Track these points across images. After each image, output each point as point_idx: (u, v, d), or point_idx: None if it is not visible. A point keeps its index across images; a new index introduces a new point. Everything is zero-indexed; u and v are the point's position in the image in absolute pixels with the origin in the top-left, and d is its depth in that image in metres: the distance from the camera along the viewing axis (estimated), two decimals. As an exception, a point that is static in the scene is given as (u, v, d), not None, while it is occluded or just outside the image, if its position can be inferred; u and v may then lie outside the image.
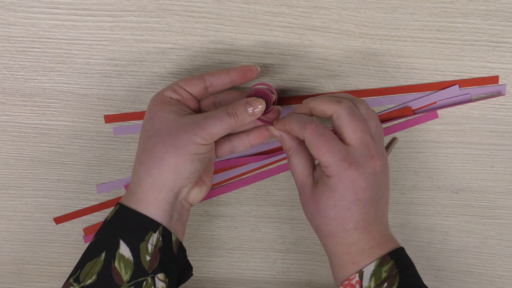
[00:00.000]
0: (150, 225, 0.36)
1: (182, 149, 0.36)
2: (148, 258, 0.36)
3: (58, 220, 0.50)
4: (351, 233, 0.36)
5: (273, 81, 0.44)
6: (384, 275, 0.35)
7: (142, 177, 0.37)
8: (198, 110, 0.41)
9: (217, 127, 0.36)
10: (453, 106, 0.44)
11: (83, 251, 0.37)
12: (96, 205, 0.49)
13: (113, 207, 0.38)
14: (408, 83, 0.44)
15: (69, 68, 0.44)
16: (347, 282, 0.36)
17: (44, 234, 0.50)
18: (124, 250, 0.35)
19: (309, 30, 0.42)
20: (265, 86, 0.39)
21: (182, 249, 0.38)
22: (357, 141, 0.35)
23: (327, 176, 0.36)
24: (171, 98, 0.38)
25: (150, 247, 0.36)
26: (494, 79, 0.43)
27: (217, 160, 0.46)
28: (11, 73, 0.44)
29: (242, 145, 0.41)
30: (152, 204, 0.36)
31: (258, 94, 0.39)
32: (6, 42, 0.43)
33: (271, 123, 0.40)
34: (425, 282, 0.38)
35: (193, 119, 0.37)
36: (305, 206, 0.38)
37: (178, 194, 0.37)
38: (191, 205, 0.40)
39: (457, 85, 0.44)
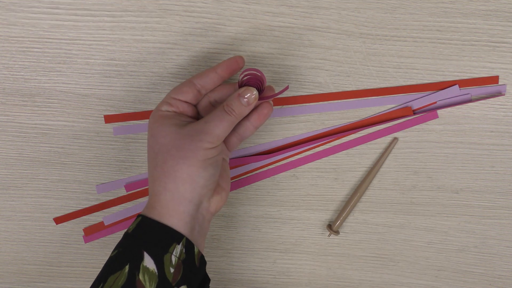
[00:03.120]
0: (174, 236, 0.36)
1: (192, 159, 0.36)
2: (172, 270, 0.35)
3: (58, 220, 0.50)
4: None
5: (273, 81, 0.44)
6: None
7: (160, 192, 0.36)
8: (197, 114, 0.41)
9: (220, 127, 0.36)
10: (453, 106, 0.44)
11: (104, 264, 0.37)
12: (96, 205, 0.49)
13: (135, 219, 0.38)
14: (408, 83, 0.44)
15: (69, 68, 0.44)
16: None
17: (44, 234, 0.50)
18: (148, 262, 0.35)
19: (309, 30, 0.42)
20: (251, 71, 0.38)
21: (203, 262, 0.38)
22: None
23: None
24: (168, 111, 0.38)
25: (174, 259, 0.35)
26: (494, 79, 0.43)
27: (231, 157, 0.46)
28: (11, 73, 0.44)
29: (248, 130, 0.41)
30: (173, 217, 0.36)
31: (249, 81, 0.38)
32: (6, 42, 0.43)
33: (270, 97, 0.39)
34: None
35: (195, 127, 0.37)
36: None
37: (198, 205, 0.37)
38: (212, 214, 0.39)
39: (457, 85, 0.44)
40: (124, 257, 0.35)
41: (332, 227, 0.49)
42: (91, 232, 0.50)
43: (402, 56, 0.43)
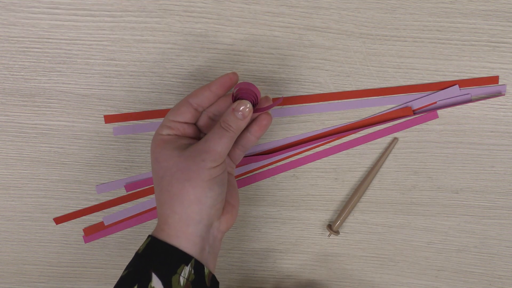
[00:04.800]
0: (182, 258, 0.36)
1: (196, 180, 0.36)
2: None
3: (58, 220, 0.50)
4: None
5: (274, 81, 0.44)
6: None
7: (168, 215, 0.36)
8: (198, 132, 0.41)
9: (220, 145, 0.36)
10: (453, 106, 0.44)
11: (115, 284, 0.37)
12: (96, 205, 0.49)
13: (145, 240, 0.38)
14: (408, 83, 0.44)
15: (69, 68, 0.44)
16: None
17: (44, 234, 0.50)
18: (156, 283, 0.35)
19: (309, 30, 0.42)
20: (244, 85, 0.38)
21: (215, 282, 0.38)
22: None
23: None
24: (169, 135, 0.38)
25: (182, 280, 0.35)
26: (494, 79, 0.43)
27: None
28: (11, 73, 0.44)
29: (250, 141, 0.41)
30: (181, 238, 0.36)
31: (242, 95, 0.38)
32: (6, 42, 0.43)
33: (265, 109, 0.39)
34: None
35: (196, 147, 0.37)
36: None
37: (209, 226, 0.37)
38: (224, 233, 0.39)
39: (457, 85, 0.44)
40: (134, 277, 0.36)
41: (332, 227, 0.49)
42: (91, 232, 0.50)
43: (402, 56, 0.43)
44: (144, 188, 0.48)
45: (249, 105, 0.38)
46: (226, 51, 0.43)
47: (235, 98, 0.38)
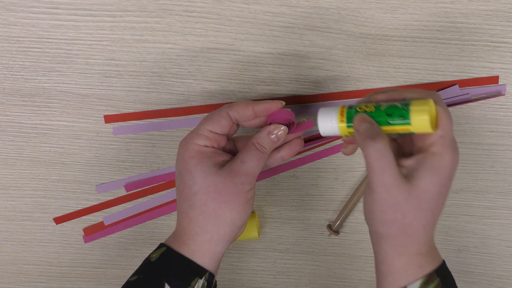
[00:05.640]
0: (198, 271, 0.36)
1: (235, 203, 0.36)
2: None
3: (58, 220, 0.50)
4: (433, 227, 0.34)
5: (273, 81, 0.44)
6: None
7: (197, 232, 0.36)
8: (229, 143, 0.40)
9: (256, 167, 0.37)
10: (453, 106, 0.44)
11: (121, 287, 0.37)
12: (96, 205, 0.49)
13: (157, 248, 0.38)
14: (408, 83, 0.44)
15: (69, 68, 0.44)
16: None
17: (44, 234, 0.50)
18: None
19: (309, 30, 0.42)
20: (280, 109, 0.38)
21: (215, 287, 0.39)
22: (451, 132, 0.33)
23: (437, 154, 0.32)
24: (207, 146, 0.37)
25: None
26: (494, 79, 0.43)
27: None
28: (11, 73, 0.44)
29: (276, 162, 0.41)
30: (206, 256, 0.37)
31: (278, 120, 0.38)
32: (6, 42, 0.43)
33: (298, 130, 0.39)
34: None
35: (233, 168, 0.37)
36: (397, 207, 0.33)
37: (231, 243, 0.38)
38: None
39: (457, 85, 0.44)
40: (144, 285, 0.36)
41: (332, 227, 0.49)
42: (91, 232, 0.50)
43: (402, 56, 0.43)
44: (144, 188, 0.48)
45: (283, 127, 0.38)
46: (226, 51, 0.43)
47: (272, 121, 0.38)
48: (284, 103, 0.38)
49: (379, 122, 0.34)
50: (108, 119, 0.46)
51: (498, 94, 0.44)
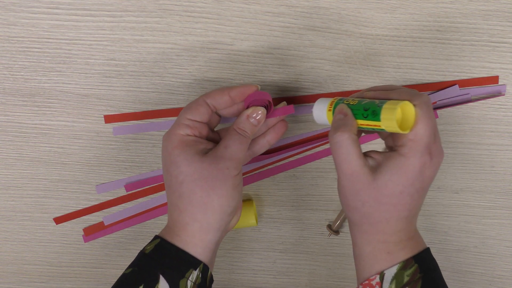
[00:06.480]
0: (192, 262, 0.36)
1: (222, 189, 0.36)
2: None
3: (58, 220, 0.50)
4: (401, 222, 0.35)
5: (273, 81, 0.44)
6: (406, 279, 0.34)
7: (187, 222, 0.36)
8: (211, 131, 0.41)
9: (240, 151, 0.37)
10: (453, 106, 0.44)
11: (117, 280, 0.37)
12: (96, 205, 0.49)
13: (151, 240, 0.38)
14: (408, 83, 0.44)
15: (69, 68, 0.44)
16: (367, 282, 0.35)
17: (44, 234, 0.50)
18: (163, 285, 0.35)
19: (309, 30, 0.42)
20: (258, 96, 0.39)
21: (211, 280, 0.39)
22: (434, 133, 0.34)
23: (403, 155, 0.34)
24: (189, 135, 0.38)
25: (189, 284, 0.36)
26: (494, 79, 0.43)
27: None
28: (11, 73, 0.44)
29: (262, 148, 0.41)
30: (198, 246, 0.36)
31: (255, 102, 0.39)
32: (6, 42, 0.43)
33: (279, 113, 0.40)
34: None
35: (216, 154, 0.37)
36: (356, 195, 0.35)
37: (224, 232, 0.38)
38: (228, 232, 0.40)
39: (457, 85, 0.44)
40: (139, 277, 0.36)
41: (332, 227, 0.49)
42: (91, 232, 0.50)
43: (402, 56, 0.43)
44: (144, 188, 0.48)
45: (262, 110, 0.38)
46: (226, 51, 0.43)
47: (249, 104, 0.39)
48: (259, 86, 0.39)
49: (356, 115, 0.35)
50: (108, 119, 0.46)
51: (498, 94, 0.44)
